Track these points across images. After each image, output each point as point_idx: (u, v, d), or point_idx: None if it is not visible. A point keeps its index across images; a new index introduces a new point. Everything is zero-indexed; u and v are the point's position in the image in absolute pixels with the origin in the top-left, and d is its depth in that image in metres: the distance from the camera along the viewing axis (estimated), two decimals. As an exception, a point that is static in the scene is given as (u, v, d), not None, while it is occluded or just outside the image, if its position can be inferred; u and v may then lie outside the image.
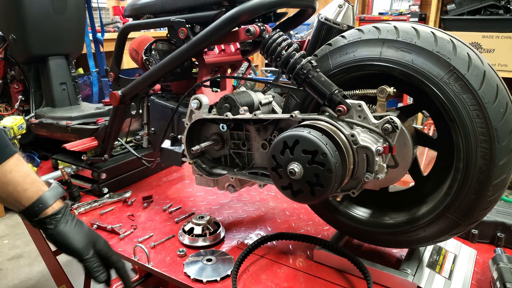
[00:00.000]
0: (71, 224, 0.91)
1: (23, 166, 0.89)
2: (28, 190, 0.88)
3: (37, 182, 0.90)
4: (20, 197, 0.88)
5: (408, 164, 1.02)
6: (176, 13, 1.29)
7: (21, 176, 0.88)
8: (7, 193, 0.87)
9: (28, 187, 0.88)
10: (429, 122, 3.32)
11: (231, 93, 1.20)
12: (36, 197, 0.88)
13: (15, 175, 0.87)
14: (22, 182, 0.88)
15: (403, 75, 0.93)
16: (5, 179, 0.86)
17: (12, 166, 0.87)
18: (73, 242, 0.90)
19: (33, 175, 0.90)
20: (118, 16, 4.76)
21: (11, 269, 2.81)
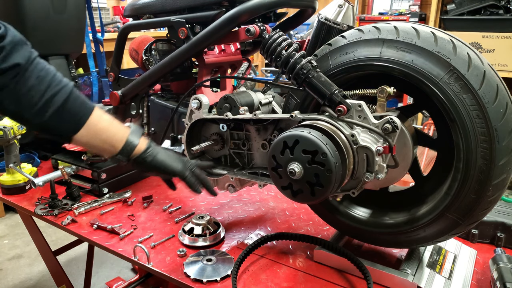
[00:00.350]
0: (164, 153, 1.07)
1: (105, 115, 0.99)
2: (117, 134, 1.00)
3: (120, 126, 1.02)
4: (112, 141, 1.00)
5: (408, 164, 1.02)
6: (176, 13, 1.29)
7: (107, 124, 0.99)
8: (102, 141, 0.99)
9: (116, 131, 1.01)
10: (429, 122, 3.32)
11: (231, 93, 1.20)
12: (125, 138, 1.00)
13: (103, 124, 0.98)
14: (110, 129, 0.99)
15: (403, 75, 0.93)
16: (96, 129, 0.97)
17: (98, 118, 0.97)
18: (173, 166, 1.06)
19: (115, 121, 1.02)
20: (118, 16, 4.76)
21: (11, 269, 2.81)
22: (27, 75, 0.87)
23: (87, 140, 0.97)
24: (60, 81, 0.92)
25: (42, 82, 0.89)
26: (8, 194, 1.59)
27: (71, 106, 0.92)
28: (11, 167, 1.58)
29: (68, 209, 1.44)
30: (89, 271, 2.28)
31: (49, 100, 0.89)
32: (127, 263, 2.66)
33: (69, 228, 1.35)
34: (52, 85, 0.90)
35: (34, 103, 0.89)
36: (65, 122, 0.93)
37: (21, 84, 0.87)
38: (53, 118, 0.91)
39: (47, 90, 0.89)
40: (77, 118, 0.94)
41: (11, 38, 0.85)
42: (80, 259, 2.83)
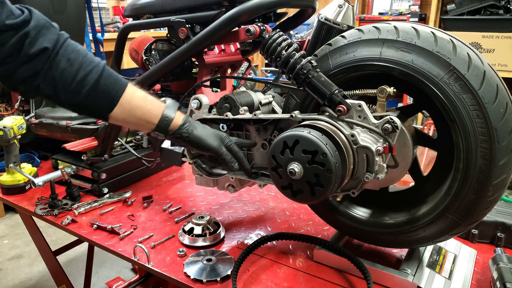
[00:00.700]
0: (200, 128, 1.06)
1: (138, 91, 0.99)
2: (152, 109, 0.99)
3: (155, 101, 1.01)
4: (148, 117, 0.99)
5: (408, 164, 1.02)
6: (176, 13, 1.29)
7: (141, 100, 0.99)
8: (137, 117, 0.99)
9: (151, 107, 1.00)
10: (429, 122, 3.32)
11: (231, 93, 1.20)
12: (160, 113, 1.00)
13: (136, 101, 0.98)
14: (144, 105, 0.99)
15: (403, 75, 0.93)
16: (130, 105, 0.97)
17: (131, 94, 0.97)
18: (209, 142, 1.05)
19: (149, 97, 1.01)
20: (118, 16, 4.76)
21: (11, 269, 2.81)
22: (58, 58, 0.89)
23: (123, 118, 0.98)
24: (91, 61, 0.92)
25: (73, 64, 0.90)
26: (8, 194, 1.59)
27: (103, 84, 0.93)
28: (11, 167, 1.58)
29: (68, 209, 1.44)
30: (89, 271, 2.28)
31: (82, 81, 0.91)
32: (127, 263, 2.66)
33: (69, 228, 1.35)
34: (84, 65, 0.91)
35: (68, 85, 0.90)
36: (99, 101, 0.94)
37: (54, 67, 0.89)
38: (87, 98, 0.92)
39: (79, 71, 0.90)
40: (110, 96, 0.95)
41: (36, 22, 0.86)
42: (80, 259, 2.84)
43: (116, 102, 0.95)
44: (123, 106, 0.96)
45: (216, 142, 1.05)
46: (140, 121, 1.00)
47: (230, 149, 1.08)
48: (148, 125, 1.01)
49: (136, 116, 0.99)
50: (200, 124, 1.08)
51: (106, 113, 0.97)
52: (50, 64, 0.88)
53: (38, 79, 0.89)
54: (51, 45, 0.87)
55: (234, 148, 1.09)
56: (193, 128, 1.04)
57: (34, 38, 0.86)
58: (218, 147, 1.05)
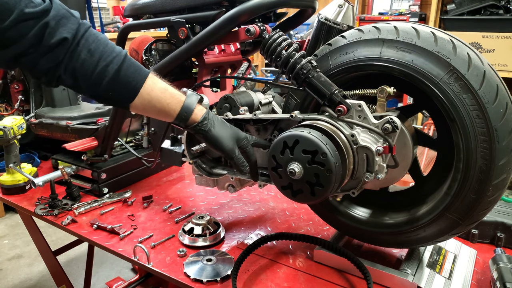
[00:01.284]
0: (219, 127, 1.04)
1: (159, 82, 0.99)
2: (171, 103, 0.99)
3: (176, 95, 1.00)
4: (166, 111, 0.99)
5: (408, 164, 1.02)
6: (176, 13, 1.29)
7: (161, 92, 0.98)
8: (157, 109, 0.99)
9: (170, 100, 0.99)
10: (429, 122, 3.32)
11: (231, 93, 1.20)
12: (179, 108, 0.99)
13: (156, 92, 0.97)
14: (163, 97, 0.98)
15: (403, 75, 0.93)
16: (150, 97, 0.97)
17: (151, 85, 0.97)
18: (223, 144, 1.03)
19: (170, 89, 1.00)
20: (118, 16, 4.76)
21: (11, 269, 2.81)
22: (79, 49, 0.89)
23: (143, 108, 0.99)
24: (112, 51, 0.92)
25: (94, 54, 0.90)
26: (8, 194, 1.59)
27: (123, 75, 0.93)
28: (11, 167, 1.58)
29: (68, 209, 1.44)
30: (89, 271, 2.28)
31: (103, 71, 0.91)
32: (127, 263, 2.66)
33: (69, 228, 1.35)
34: (104, 56, 0.91)
35: (89, 76, 0.91)
36: (120, 92, 0.95)
37: (74, 58, 0.89)
38: (108, 88, 0.93)
39: (99, 61, 0.90)
40: (130, 87, 0.95)
41: (56, 12, 0.86)
42: (80, 259, 2.84)
43: (136, 93, 0.95)
44: (143, 98, 0.96)
45: (230, 144, 1.04)
46: (160, 113, 1.00)
47: (245, 151, 1.07)
48: (167, 117, 1.01)
49: (156, 108, 0.99)
50: (221, 122, 1.06)
51: (127, 104, 0.97)
52: (71, 54, 0.88)
53: (60, 70, 0.89)
54: (71, 35, 0.87)
55: (249, 151, 1.08)
56: (211, 126, 1.02)
57: (54, 28, 0.85)
58: (231, 150, 1.04)
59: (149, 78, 0.97)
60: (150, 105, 0.98)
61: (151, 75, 0.98)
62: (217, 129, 1.03)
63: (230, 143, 1.04)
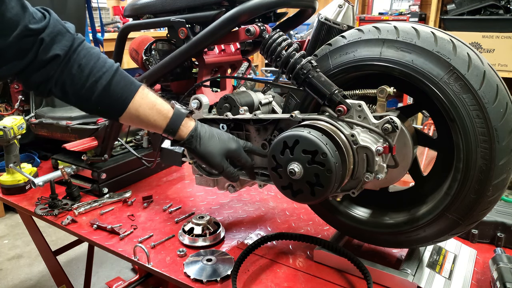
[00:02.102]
0: (206, 143, 1.04)
1: (148, 97, 1.00)
2: (157, 120, 1.01)
3: (163, 110, 1.01)
4: (154, 126, 1.02)
5: (408, 164, 1.02)
6: (176, 13, 1.29)
7: (148, 108, 1.00)
8: (144, 125, 1.02)
9: (157, 117, 1.01)
10: (429, 122, 3.32)
11: (231, 93, 1.20)
12: (165, 124, 1.01)
13: (144, 108, 0.99)
14: (151, 113, 1.00)
15: (403, 75, 0.93)
16: (137, 113, 0.99)
17: (140, 101, 0.98)
18: (211, 160, 1.04)
19: (158, 104, 1.01)
20: (118, 16, 4.76)
21: (11, 269, 2.81)
22: (70, 65, 0.90)
23: (131, 122, 1.01)
24: (102, 66, 0.94)
25: (84, 70, 0.91)
26: (8, 194, 1.59)
27: (113, 90, 0.95)
28: (11, 167, 1.58)
29: (68, 209, 1.44)
30: (89, 271, 2.28)
31: (92, 86, 0.93)
32: (127, 263, 2.66)
33: (69, 228, 1.35)
34: (94, 71, 0.92)
35: (79, 90, 0.92)
36: (109, 106, 0.97)
37: (65, 73, 0.90)
38: (97, 102, 0.95)
39: (89, 77, 0.92)
40: (120, 101, 0.96)
41: (51, 29, 0.87)
42: (80, 259, 2.84)
43: (125, 108, 0.97)
44: (131, 113, 0.98)
45: (218, 159, 1.05)
46: (147, 127, 1.04)
47: (238, 160, 1.09)
48: (155, 131, 1.04)
49: (143, 123, 1.02)
50: (209, 136, 1.06)
51: (116, 117, 1.00)
52: (62, 69, 0.90)
53: (50, 84, 0.91)
54: (63, 52, 0.89)
55: (242, 159, 1.09)
56: (197, 143, 1.03)
57: (48, 44, 0.87)
58: (218, 165, 1.05)
59: (138, 93, 0.98)
60: (138, 120, 1.00)
61: (141, 89, 0.99)
62: (205, 145, 1.04)
63: (218, 158, 1.05)
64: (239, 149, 1.08)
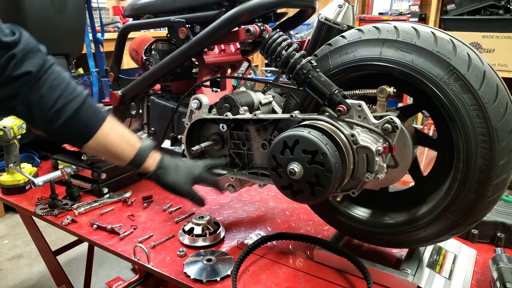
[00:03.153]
0: (173, 175, 1.05)
1: (117, 127, 1.00)
2: (125, 149, 1.00)
3: (132, 141, 1.02)
4: (120, 156, 1.01)
5: (408, 164, 1.02)
6: (176, 13, 1.29)
7: (117, 137, 0.99)
8: (110, 154, 1.00)
9: (125, 147, 1.00)
10: (429, 122, 3.31)
11: (231, 93, 1.20)
12: (133, 155, 1.01)
13: (112, 137, 0.98)
14: (119, 143, 0.99)
15: (403, 75, 0.93)
16: (105, 142, 0.97)
17: (108, 129, 0.97)
18: (180, 190, 1.06)
19: (126, 134, 1.01)
20: (118, 16, 4.76)
21: (11, 269, 2.81)
22: (40, 84, 0.88)
23: (96, 151, 1.00)
24: (73, 91, 0.92)
25: (54, 91, 0.89)
26: (8, 194, 1.59)
27: (82, 116, 0.93)
28: (11, 167, 1.58)
29: (68, 209, 1.44)
30: (89, 271, 2.28)
31: (61, 109, 0.90)
32: (127, 263, 2.66)
33: (69, 228, 1.35)
34: (65, 94, 0.90)
35: (46, 111, 0.90)
36: (76, 132, 0.95)
37: (33, 92, 0.88)
38: (64, 126, 0.92)
39: (59, 99, 0.90)
40: (87, 128, 0.95)
41: (24, 46, 0.86)
42: (80, 259, 2.83)
43: (93, 135, 0.95)
44: (98, 141, 0.96)
45: (186, 188, 1.06)
46: (113, 157, 1.02)
47: (205, 181, 1.11)
48: (120, 162, 1.03)
49: (109, 153, 1.00)
50: (175, 166, 1.06)
51: (81, 144, 0.97)
52: (31, 88, 0.87)
53: (16, 101, 0.88)
54: (35, 69, 0.87)
55: (208, 180, 1.12)
56: (163, 176, 1.04)
57: (20, 60, 0.85)
58: (187, 194, 1.07)
59: (107, 121, 0.96)
60: (105, 149, 0.99)
61: (110, 118, 0.98)
62: (172, 177, 1.05)
63: (186, 187, 1.06)
64: (203, 173, 1.10)
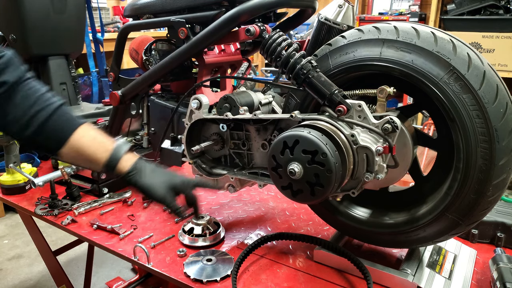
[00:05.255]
0: (149, 176, 1.03)
1: (89, 131, 1.00)
2: (98, 152, 1.00)
3: (105, 143, 1.01)
4: (93, 159, 1.00)
5: (408, 164, 1.02)
6: (176, 13, 1.29)
7: (89, 140, 0.99)
8: (84, 159, 1.00)
9: (98, 150, 1.00)
10: (429, 122, 3.31)
11: (231, 93, 1.20)
12: (106, 157, 1.00)
13: (85, 140, 0.98)
14: (92, 145, 0.99)
15: (403, 75, 0.93)
16: (78, 146, 0.98)
17: (81, 134, 0.98)
18: (155, 193, 1.03)
19: (99, 138, 1.01)
20: (118, 16, 4.76)
21: (11, 269, 2.81)
22: (15, 93, 0.92)
23: (71, 157, 1.00)
24: (47, 99, 0.95)
25: (27, 100, 0.93)
26: (8, 194, 1.59)
27: (54, 123, 0.95)
28: (11, 167, 1.58)
29: (68, 209, 1.44)
30: (89, 271, 2.28)
31: (33, 117, 0.93)
32: (127, 263, 2.66)
33: (69, 228, 1.35)
34: (38, 102, 0.93)
35: (18, 118, 0.93)
36: (49, 138, 0.96)
37: (7, 101, 0.91)
38: (37, 133, 0.94)
39: (32, 107, 0.93)
40: (60, 135, 0.96)
41: (6, 60, 0.90)
42: (80, 259, 2.83)
43: (65, 141, 0.96)
44: (71, 146, 0.97)
45: (161, 192, 1.03)
46: (87, 162, 1.02)
47: (185, 195, 1.07)
48: (95, 166, 1.03)
49: (83, 157, 1.00)
50: (152, 169, 1.05)
51: (55, 150, 0.98)
52: (6, 97, 0.91)
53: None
54: (12, 79, 0.90)
55: (188, 194, 1.08)
56: (138, 177, 1.02)
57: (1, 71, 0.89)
58: (162, 198, 1.03)
59: (81, 128, 0.98)
60: (78, 154, 0.99)
61: (85, 126, 0.99)
62: (147, 179, 1.02)
63: (161, 191, 1.03)
64: (185, 184, 1.07)
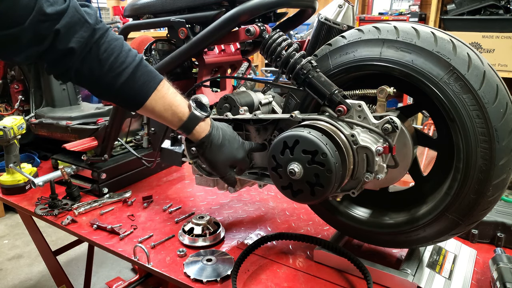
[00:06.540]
0: (214, 150, 1.06)
1: (165, 97, 1.00)
2: (172, 121, 1.02)
3: (178, 113, 1.02)
4: (171, 120, 1.02)
5: (408, 164, 1.02)
6: (176, 13, 1.29)
7: (164, 108, 1.00)
8: (162, 117, 1.01)
9: (171, 118, 1.02)
10: (429, 122, 3.32)
11: (231, 93, 1.20)
12: (178, 126, 1.02)
13: (159, 108, 1.00)
14: (165, 114, 1.01)
15: (403, 75, 0.93)
16: (153, 111, 1.00)
17: (156, 99, 0.99)
18: (216, 167, 1.08)
19: (173, 106, 1.01)
20: (118, 16, 4.76)
21: (11, 269, 2.81)
22: (90, 58, 0.90)
23: (150, 113, 1.02)
24: (123, 61, 0.93)
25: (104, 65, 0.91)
26: (8, 194, 1.59)
27: (130, 87, 0.95)
28: (11, 167, 1.58)
29: (68, 209, 1.44)
30: (89, 271, 2.28)
31: (111, 81, 0.93)
32: (127, 263, 2.66)
33: (69, 228, 1.35)
34: (114, 66, 0.92)
35: (97, 82, 0.94)
36: (126, 100, 0.98)
37: (84, 66, 0.90)
38: (115, 96, 0.97)
39: (109, 72, 0.92)
40: (136, 99, 0.97)
41: (69, 19, 0.85)
42: (80, 259, 2.84)
43: (140, 106, 0.98)
44: (147, 109, 0.99)
45: (222, 168, 1.08)
46: (165, 120, 1.03)
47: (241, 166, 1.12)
48: (171, 125, 1.04)
49: (162, 116, 1.01)
50: (221, 143, 1.06)
51: (134, 109, 1.00)
52: (81, 61, 0.89)
53: (70, 74, 0.91)
54: (80, 44, 0.87)
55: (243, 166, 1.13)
56: (207, 150, 1.05)
57: (64, 36, 0.85)
58: (222, 172, 1.09)
59: (156, 91, 0.98)
60: (154, 116, 1.02)
61: (160, 87, 0.99)
62: (212, 154, 1.06)
63: (222, 167, 1.08)
64: (244, 158, 1.11)
